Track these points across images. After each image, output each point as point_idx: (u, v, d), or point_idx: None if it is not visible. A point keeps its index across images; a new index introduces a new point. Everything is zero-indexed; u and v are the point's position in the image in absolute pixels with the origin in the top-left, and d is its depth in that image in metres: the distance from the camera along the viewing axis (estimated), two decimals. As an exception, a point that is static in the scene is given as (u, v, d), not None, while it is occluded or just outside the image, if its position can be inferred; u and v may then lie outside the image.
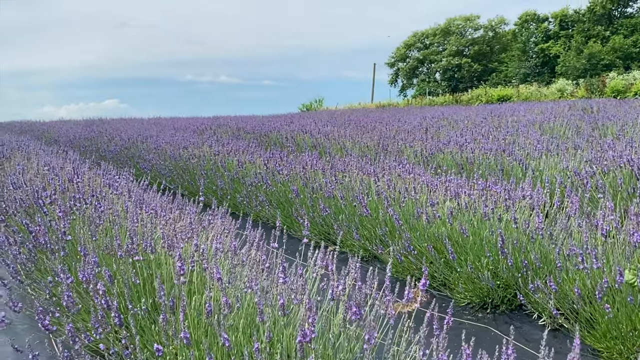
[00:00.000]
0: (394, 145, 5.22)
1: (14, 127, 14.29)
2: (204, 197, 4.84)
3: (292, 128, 6.86)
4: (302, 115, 15.47)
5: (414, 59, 39.16)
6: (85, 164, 4.30)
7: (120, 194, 2.95)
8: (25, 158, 4.90)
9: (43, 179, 3.60)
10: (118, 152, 6.48)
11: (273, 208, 3.95)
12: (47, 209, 2.56)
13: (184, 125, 9.40)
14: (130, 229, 2.11)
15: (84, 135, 8.23)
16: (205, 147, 5.34)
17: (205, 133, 8.14)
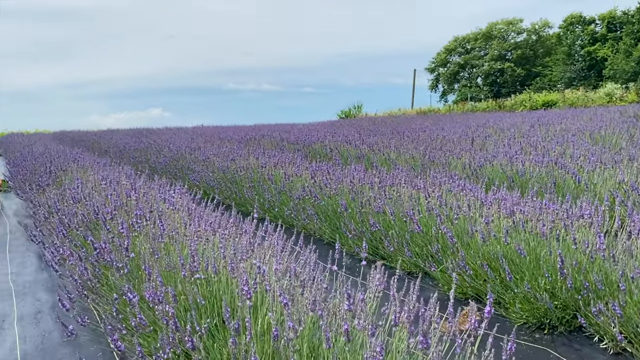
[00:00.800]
0: (440, 157, 5.17)
1: (65, 137, 14.86)
2: (251, 208, 4.93)
3: (336, 139, 6.89)
4: (341, 123, 15.50)
5: (455, 64, 38.67)
6: (140, 177, 4.44)
7: (177, 210, 3.03)
8: (81, 171, 5.09)
9: (101, 194, 3.73)
10: (167, 164, 6.65)
11: (321, 221, 3.98)
12: (109, 226, 2.66)
13: (228, 136, 9.57)
14: (192, 247, 2.16)
15: (134, 146, 8.49)
16: (252, 159, 5.43)
17: (250, 143, 8.26)
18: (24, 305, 3.26)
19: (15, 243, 4.76)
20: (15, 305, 3.27)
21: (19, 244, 4.71)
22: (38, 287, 3.57)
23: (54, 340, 2.78)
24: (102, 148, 9.83)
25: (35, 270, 3.93)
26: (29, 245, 4.62)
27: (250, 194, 4.86)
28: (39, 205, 4.06)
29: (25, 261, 4.18)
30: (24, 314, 3.12)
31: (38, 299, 3.35)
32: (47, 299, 3.32)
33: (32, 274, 3.87)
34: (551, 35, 35.76)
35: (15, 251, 4.50)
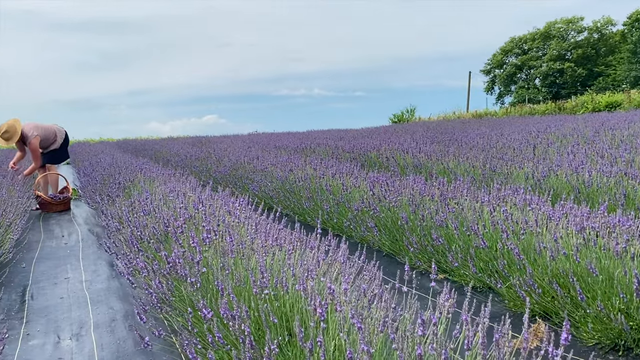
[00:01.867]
0: (501, 166, 5.06)
1: (128, 145, 15.52)
2: (309, 218, 4.99)
3: (392, 147, 6.87)
4: (395, 128, 15.41)
5: (512, 65, 37.67)
6: (204, 189, 4.59)
7: (242, 223, 3.12)
8: (148, 182, 5.31)
9: (169, 206, 3.89)
10: (227, 173, 6.83)
11: (381, 233, 3.98)
12: (180, 239, 2.77)
13: (284, 144, 9.72)
14: (260, 262, 2.23)
15: (195, 155, 8.77)
16: (309, 169, 5.50)
17: (306, 152, 8.36)
18: (99, 313, 3.43)
19: (87, 251, 5.01)
20: (91, 312, 3.44)
21: (91, 252, 4.96)
22: (111, 295, 3.75)
23: (128, 349, 2.91)
24: (164, 157, 10.20)
25: (107, 279, 4.12)
26: (100, 254, 4.86)
27: (309, 205, 4.92)
28: (111, 217, 4.27)
29: (98, 269, 4.40)
30: (100, 321, 3.28)
31: (111, 307, 3.52)
32: (120, 308, 3.48)
33: (104, 282, 4.07)
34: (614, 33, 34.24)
35: (88, 259, 4.74)
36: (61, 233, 5.91)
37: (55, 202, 7.22)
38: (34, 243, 5.38)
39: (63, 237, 5.71)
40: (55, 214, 7.16)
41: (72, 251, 5.03)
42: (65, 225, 6.34)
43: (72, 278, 4.18)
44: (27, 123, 7.16)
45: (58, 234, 5.86)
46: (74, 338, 3.06)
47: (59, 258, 4.81)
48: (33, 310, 3.50)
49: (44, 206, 7.18)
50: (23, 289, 3.95)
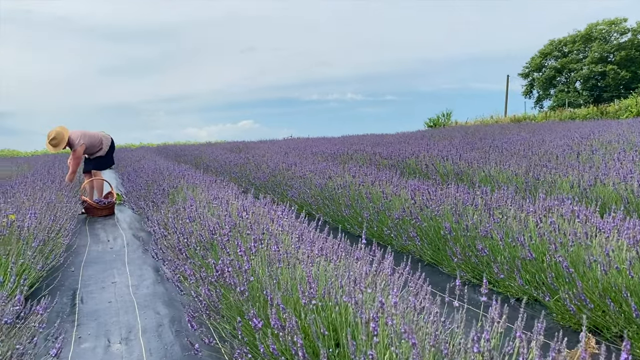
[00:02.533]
0: (545, 174, 4.96)
1: (168, 151, 15.86)
2: (349, 225, 5.00)
3: (431, 153, 6.82)
4: (432, 133, 15.26)
5: (551, 68, 36.82)
6: (246, 195, 4.66)
7: (286, 231, 3.15)
8: (191, 189, 5.43)
9: (213, 213, 3.96)
10: (266, 180, 6.91)
11: (422, 242, 3.96)
12: (228, 248, 2.82)
13: (320, 150, 9.76)
14: (308, 273, 2.25)
15: (234, 161, 8.90)
16: (348, 176, 5.51)
17: (343, 158, 8.38)
18: (146, 318, 3.52)
19: (132, 256, 5.15)
20: (139, 317, 3.54)
21: (136, 257, 5.09)
22: (156, 300, 3.84)
23: (175, 354, 2.98)
24: (204, 163, 10.38)
25: (153, 283, 4.22)
26: (145, 258, 4.99)
27: (348, 212, 4.93)
28: (157, 223, 4.37)
29: (143, 274, 4.51)
30: (147, 326, 3.37)
31: (158, 312, 3.60)
32: (166, 313, 3.57)
33: (150, 286, 4.17)
34: (660, 34, 33.06)
35: (133, 263, 4.87)
36: (106, 237, 6.09)
37: (100, 206, 7.44)
38: (81, 247, 5.56)
39: (108, 241, 5.88)
40: (100, 218, 7.38)
41: (118, 255, 5.18)
42: (110, 230, 6.53)
43: (119, 282, 4.30)
44: (74, 131, 7.41)
45: (104, 239, 6.04)
46: (123, 342, 3.15)
47: (105, 262, 4.96)
48: (83, 314, 3.62)
49: (90, 211, 7.40)
50: (73, 292, 4.08)
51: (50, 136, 7.14)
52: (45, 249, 3.95)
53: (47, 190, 6.09)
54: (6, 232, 3.73)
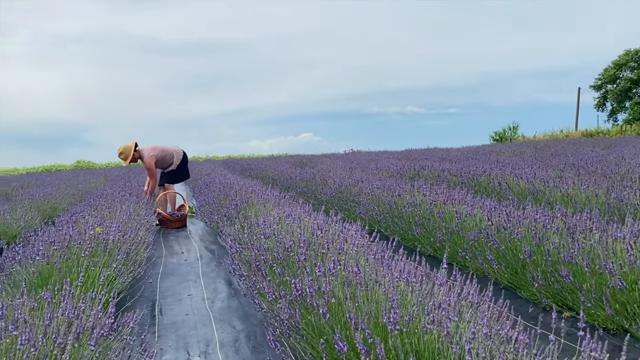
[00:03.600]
0: (629, 196, 4.70)
1: (235, 164, 16.27)
2: (420, 245, 4.93)
3: (504, 171, 6.62)
4: (500, 149, 14.82)
5: (627, 80, 34.94)
6: (317, 212, 4.70)
7: (363, 253, 3.15)
8: (262, 204, 5.54)
9: (287, 230, 4.02)
10: (333, 195, 6.95)
11: (500, 265, 3.84)
12: (307, 267, 2.85)
13: (385, 166, 9.71)
14: (391, 298, 2.24)
15: (299, 176, 9.01)
16: (418, 194, 5.44)
17: (409, 174, 8.29)
18: (222, 331, 3.61)
19: (206, 269, 5.30)
20: (215, 331, 3.63)
21: (209, 270, 5.24)
22: (232, 314, 3.93)
23: (253, 370, 3.04)
24: (270, 177, 10.58)
25: (227, 297, 4.33)
26: (218, 272, 5.12)
27: (420, 232, 4.87)
28: (232, 239, 4.49)
29: (217, 287, 4.64)
30: (224, 340, 3.45)
31: (233, 327, 3.68)
32: (242, 328, 3.64)
33: (224, 300, 4.27)
34: None
35: (207, 276, 5.01)
36: (180, 249, 6.31)
37: (174, 219, 7.73)
38: (157, 259, 5.79)
39: (182, 253, 6.09)
40: (173, 230, 7.66)
41: (192, 268, 5.35)
42: (183, 242, 6.76)
43: (195, 295, 4.43)
44: (147, 145, 7.78)
45: (178, 251, 6.25)
46: (202, 355, 3.24)
47: (180, 274, 5.13)
48: (163, 326, 3.76)
49: (163, 222, 7.70)
50: (152, 303, 4.25)
51: (119, 151, 7.58)
52: (128, 261, 4.14)
53: (125, 203, 6.39)
54: (94, 244, 3.94)
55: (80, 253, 3.64)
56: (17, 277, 3.42)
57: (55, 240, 3.85)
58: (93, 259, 3.72)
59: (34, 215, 7.25)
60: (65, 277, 3.38)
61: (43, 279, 3.41)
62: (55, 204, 8.58)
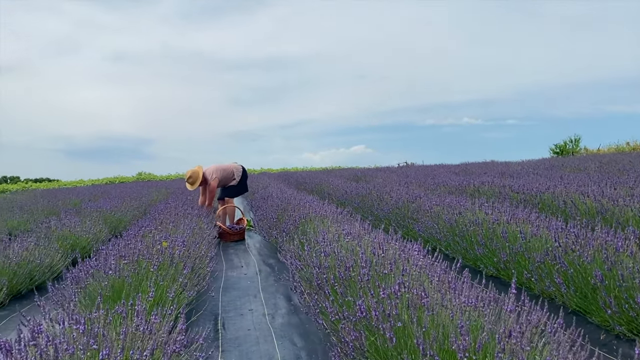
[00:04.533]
0: None
1: (289, 178, 16.47)
2: (482, 265, 4.82)
3: (568, 189, 6.39)
4: (562, 163, 14.29)
5: (700, 90, 32.99)
6: (377, 229, 4.69)
7: (427, 275, 3.12)
8: (319, 220, 5.58)
9: (347, 248, 4.03)
10: (390, 212, 6.91)
11: (568, 289, 3.70)
12: (372, 289, 2.85)
13: (443, 181, 9.56)
14: (460, 325, 2.20)
15: (354, 191, 9.02)
16: (480, 212, 5.33)
17: (468, 190, 8.13)
18: (284, 348, 3.65)
19: (265, 284, 5.38)
20: (277, 347, 3.67)
21: (268, 285, 5.31)
22: (292, 331, 3.97)
23: (316, 389, 3.05)
24: (325, 191, 10.63)
25: (287, 313, 4.38)
26: (277, 287, 5.19)
27: (482, 251, 4.76)
28: (292, 255, 4.54)
29: (277, 303, 4.69)
30: (285, 357, 3.48)
31: (294, 344, 3.72)
32: (303, 345, 3.67)
33: (284, 316, 4.32)
34: None
35: (267, 291, 5.08)
36: (240, 263, 6.44)
37: (233, 232, 7.91)
38: (218, 272, 5.93)
39: (242, 267, 6.21)
40: (232, 243, 7.83)
41: (252, 282, 5.44)
42: (242, 255, 6.90)
43: (255, 310, 4.51)
44: (209, 167, 8.05)
45: (237, 264, 6.38)
46: (265, 372, 3.29)
47: (241, 289, 5.23)
48: (226, 340, 3.84)
49: (223, 236, 7.89)
50: (215, 317, 4.35)
51: (187, 175, 7.88)
52: (194, 275, 4.26)
53: (188, 217, 6.59)
54: (161, 258, 4.08)
55: (150, 267, 3.79)
56: (91, 290, 3.60)
57: (126, 255, 4.02)
58: (161, 272, 3.86)
59: (101, 228, 7.60)
60: (136, 292, 3.53)
61: (115, 292, 3.57)
62: (121, 216, 8.96)
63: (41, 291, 5.39)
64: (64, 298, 3.55)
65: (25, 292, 5.30)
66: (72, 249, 6.47)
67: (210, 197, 8.04)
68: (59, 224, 7.04)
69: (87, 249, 6.90)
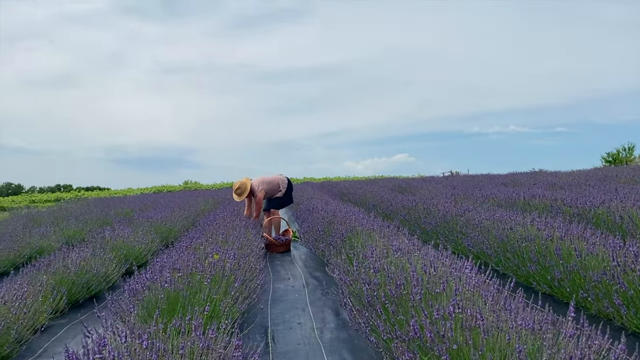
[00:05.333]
0: None
1: (332, 189, 16.50)
2: (534, 282, 4.70)
3: (625, 203, 6.16)
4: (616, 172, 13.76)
5: None
6: (425, 245, 4.66)
7: (481, 295, 3.07)
8: (366, 233, 5.58)
9: (396, 265, 4.01)
10: (437, 225, 6.84)
11: (629, 311, 3.57)
12: (425, 309, 2.84)
13: (491, 193, 9.39)
14: (518, 348, 2.17)
15: (400, 203, 8.96)
16: (532, 229, 5.21)
17: (518, 204, 7.96)
18: (334, 364, 3.66)
19: (312, 297, 5.42)
20: (327, 363, 3.69)
21: (316, 299, 5.34)
22: (341, 346, 3.97)
23: (367, 408, 3.05)
24: (369, 202, 10.62)
25: (336, 328, 4.39)
26: (325, 301, 5.21)
27: (534, 269, 4.65)
28: (340, 270, 4.56)
29: (325, 317, 4.71)
30: (336, 373, 3.50)
31: (344, 359, 3.73)
32: (353, 362, 3.67)
33: (333, 331, 4.34)
34: None
35: (314, 305, 5.11)
36: (286, 275, 6.50)
37: (279, 243, 8.00)
38: (265, 284, 6.00)
39: (289, 279, 6.27)
40: (278, 254, 7.92)
41: (300, 295, 5.49)
42: (289, 267, 6.96)
43: (304, 324, 4.54)
44: (255, 179, 8.19)
45: (284, 276, 6.45)
46: (316, 388, 3.31)
47: (288, 301, 5.28)
48: (276, 354, 3.88)
49: (269, 247, 7.99)
50: (264, 330, 4.41)
51: (235, 186, 8.04)
52: (244, 288, 4.34)
53: (236, 229, 6.72)
54: (213, 271, 4.18)
55: (203, 280, 3.88)
56: (147, 302, 3.72)
57: (180, 267, 4.14)
58: (214, 285, 3.95)
59: (153, 238, 7.83)
60: (190, 304, 3.62)
61: (170, 304, 3.67)
62: (171, 226, 9.20)
63: (98, 300, 5.60)
64: (122, 310, 3.69)
65: (83, 301, 5.52)
66: (126, 259, 6.69)
67: (257, 209, 8.17)
68: (113, 234, 7.30)
69: (140, 258, 7.12)
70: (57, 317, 4.94)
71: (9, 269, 7.16)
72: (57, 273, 5.27)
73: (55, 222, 10.52)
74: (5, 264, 7.02)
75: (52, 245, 8.19)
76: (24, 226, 10.34)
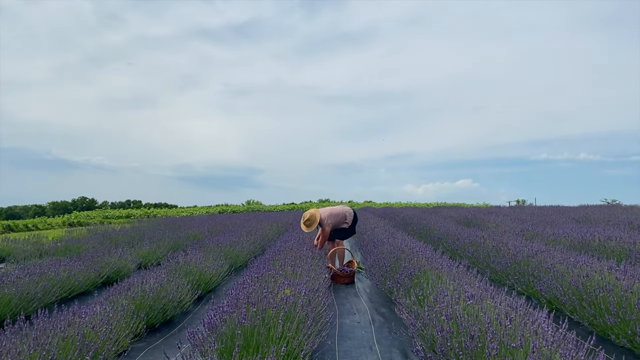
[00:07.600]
0: None
1: (395, 217, 16.40)
2: (614, 336, 4.51)
3: None
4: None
5: None
6: (498, 290, 4.59)
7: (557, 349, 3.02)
8: (435, 274, 5.55)
9: (469, 313, 3.99)
10: (507, 266, 6.69)
11: None
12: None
13: (563, 232, 9.05)
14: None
15: (467, 239, 8.82)
16: (610, 277, 5.01)
17: (592, 245, 7.65)
18: (404, 410, 3.67)
19: (379, 335, 5.42)
20: (397, 408, 3.70)
21: (382, 337, 5.35)
22: (411, 391, 3.97)
23: None
24: (434, 235, 10.50)
25: (404, 371, 4.39)
26: (392, 340, 5.21)
27: (613, 321, 4.47)
28: (410, 313, 4.57)
29: (393, 357, 4.72)
30: (406, 421, 3.50)
31: (414, 406, 3.73)
32: (423, 409, 3.66)
33: (401, 373, 4.34)
34: None
35: (381, 344, 5.12)
36: (352, 309, 6.54)
37: (344, 274, 8.06)
38: (331, 317, 6.07)
39: (354, 314, 6.30)
40: (342, 285, 7.97)
41: (366, 332, 5.51)
42: (354, 301, 7.00)
43: (372, 364, 4.56)
44: (323, 211, 8.36)
45: (349, 310, 6.49)
46: None
47: (355, 339, 5.32)
48: (346, 394, 3.93)
49: (334, 278, 8.06)
50: (333, 368, 4.47)
51: (305, 218, 8.23)
52: (315, 325, 4.43)
53: (304, 259, 6.85)
54: (286, 308, 4.30)
55: (278, 318, 4.01)
56: (224, 336, 3.88)
57: (254, 302, 4.29)
58: (286, 323, 4.07)
59: (222, 263, 8.11)
60: (265, 340, 3.75)
61: (246, 340, 3.82)
62: (239, 252, 9.49)
63: (172, 325, 5.86)
64: (200, 343, 3.87)
65: (159, 325, 5.79)
66: (198, 285, 6.96)
67: (321, 241, 8.32)
68: (186, 258, 7.62)
69: (210, 283, 7.39)
70: (135, 341, 5.22)
71: (90, 288, 7.64)
72: (136, 298, 5.57)
73: (130, 242, 11.09)
74: (87, 284, 7.48)
75: (128, 266, 8.64)
76: (101, 244, 10.98)
